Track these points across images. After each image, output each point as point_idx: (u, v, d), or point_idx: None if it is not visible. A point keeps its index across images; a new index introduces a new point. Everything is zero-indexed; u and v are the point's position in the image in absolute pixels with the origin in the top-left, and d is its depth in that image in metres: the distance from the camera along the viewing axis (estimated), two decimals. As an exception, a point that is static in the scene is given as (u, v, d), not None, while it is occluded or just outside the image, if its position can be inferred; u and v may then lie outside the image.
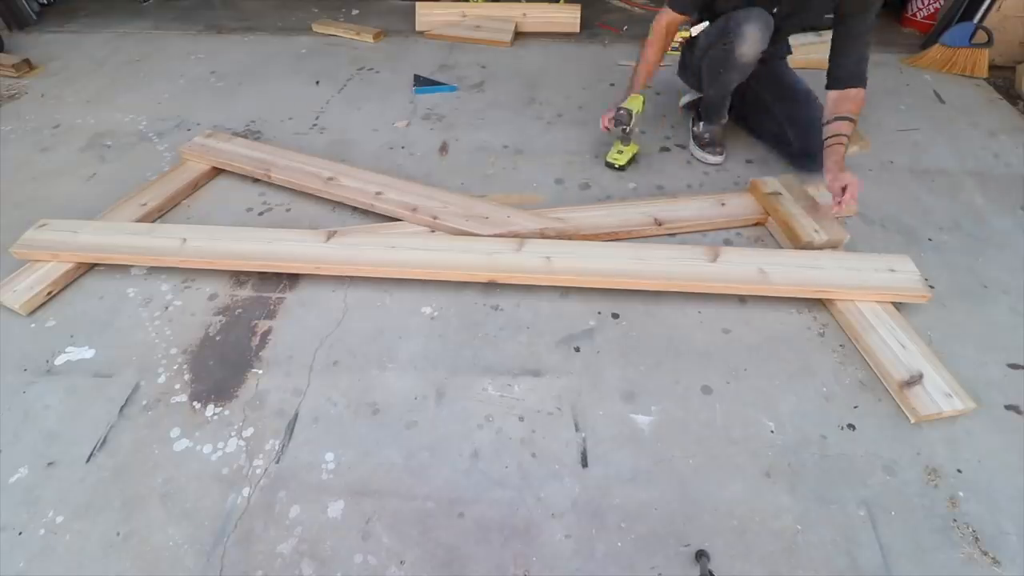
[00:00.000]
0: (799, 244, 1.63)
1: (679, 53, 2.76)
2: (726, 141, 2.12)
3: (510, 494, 1.17)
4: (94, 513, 1.14)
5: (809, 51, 2.62)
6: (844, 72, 1.71)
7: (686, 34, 2.36)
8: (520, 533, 1.11)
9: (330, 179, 1.85)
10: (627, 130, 1.95)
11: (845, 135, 1.69)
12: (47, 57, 2.77)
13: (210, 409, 1.32)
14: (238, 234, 1.64)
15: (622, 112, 1.90)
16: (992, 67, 2.59)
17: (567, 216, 1.73)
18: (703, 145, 2.09)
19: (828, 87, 1.76)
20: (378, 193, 1.79)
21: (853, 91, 1.70)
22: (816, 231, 1.63)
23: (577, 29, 2.97)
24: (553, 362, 1.42)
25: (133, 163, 2.08)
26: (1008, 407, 1.32)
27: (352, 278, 1.60)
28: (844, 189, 1.59)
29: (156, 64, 2.74)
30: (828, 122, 1.72)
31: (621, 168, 2.05)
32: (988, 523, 1.13)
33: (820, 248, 1.62)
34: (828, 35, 2.87)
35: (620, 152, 2.04)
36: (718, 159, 2.07)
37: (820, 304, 1.53)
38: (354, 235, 1.64)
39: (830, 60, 1.75)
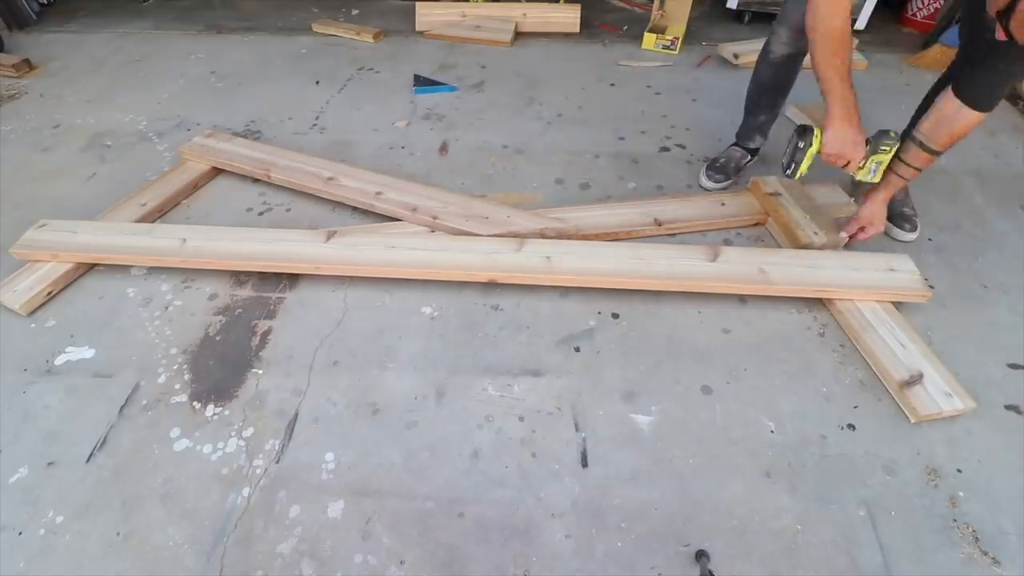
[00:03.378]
0: (799, 245, 1.63)
1: (672, 52, 2.77)
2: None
3: (510, 494, 1.17)
4: (94, 513, 1.14)
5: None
6: (979, 81, 1.30)
7: None
8: (520, 533, 1.11)
9: (330, 179, 1.85)
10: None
11: (916, 170, 1.45)
12: (47, 57, 2.77)
13: (210, 409, 1.32)
14: (238, 234, 1.64)
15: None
16: (992, 67, 2.59)
17: (567, 216, 1.73)
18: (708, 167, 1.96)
19: (953, 87, 1.34)
20: (378, 193, 1.79)
21: (968, 113, 1.32)
22: (816, 233, 1.63)
23: (577, 29, 2.97)
24: (553, 362, 1.42)
25: (133, 163, 2.08)
26: (1008, 407, 1.32)
27: (352, 278, 1.60)
28: (864, 229, 1.56)
29: (156, 64, 2.74)
30: (915, 137, 1.41)
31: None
32: (988, 523, 1.13)
33: (820, 249, 1.61)
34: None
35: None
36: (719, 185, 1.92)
37: (820, 304, 1.53)
38: (354, 235, 1.64)
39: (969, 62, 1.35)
